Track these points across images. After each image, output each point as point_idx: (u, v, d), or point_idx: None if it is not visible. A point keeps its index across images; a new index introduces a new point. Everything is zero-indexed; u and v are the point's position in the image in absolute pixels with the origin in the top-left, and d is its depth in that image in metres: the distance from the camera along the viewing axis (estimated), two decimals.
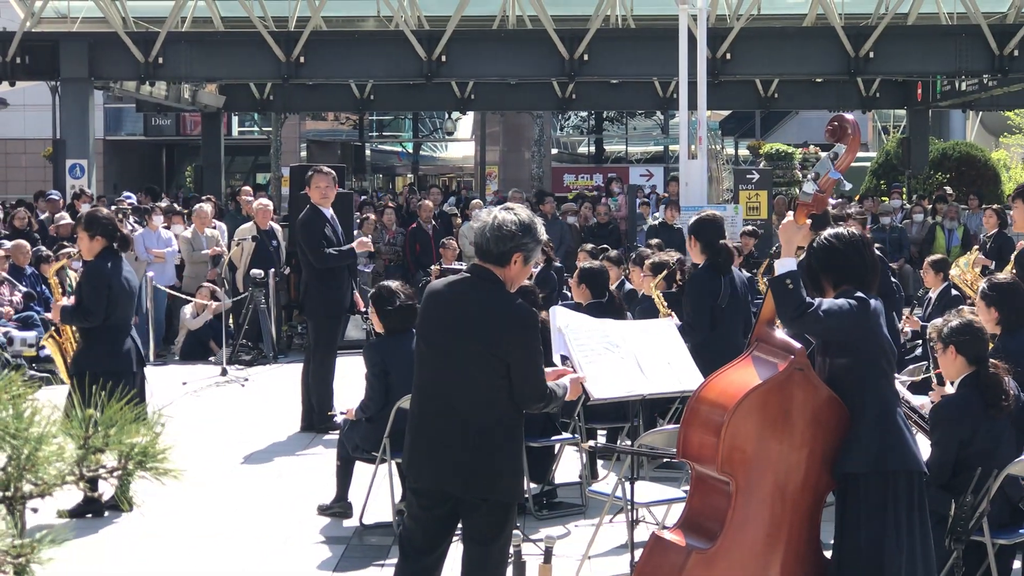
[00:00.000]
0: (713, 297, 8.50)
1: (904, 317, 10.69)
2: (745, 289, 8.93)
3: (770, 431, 4.95)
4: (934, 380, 6.36)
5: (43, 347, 12.92)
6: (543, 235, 5.01)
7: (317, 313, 10.63)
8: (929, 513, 5.13)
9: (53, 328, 8.83)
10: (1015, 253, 8.72)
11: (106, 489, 7.81)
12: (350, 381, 10.39)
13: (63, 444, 2.55)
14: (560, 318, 7.94)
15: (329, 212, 10.55)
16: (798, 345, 5.05)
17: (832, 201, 8.13)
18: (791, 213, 5.30)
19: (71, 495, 7.41)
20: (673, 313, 9.02)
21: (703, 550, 4.89)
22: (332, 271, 10.48)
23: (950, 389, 6.20)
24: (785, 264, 4.97)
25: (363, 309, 10.99)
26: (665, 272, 9.70)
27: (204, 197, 20.22)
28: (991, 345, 6.28)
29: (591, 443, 7.03)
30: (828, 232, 5.23)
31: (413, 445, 4.98)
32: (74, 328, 8.39)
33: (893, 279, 10.44)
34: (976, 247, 15.36)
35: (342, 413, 8.29)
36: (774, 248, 12.38)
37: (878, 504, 4.92)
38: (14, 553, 2.46)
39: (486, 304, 4.87)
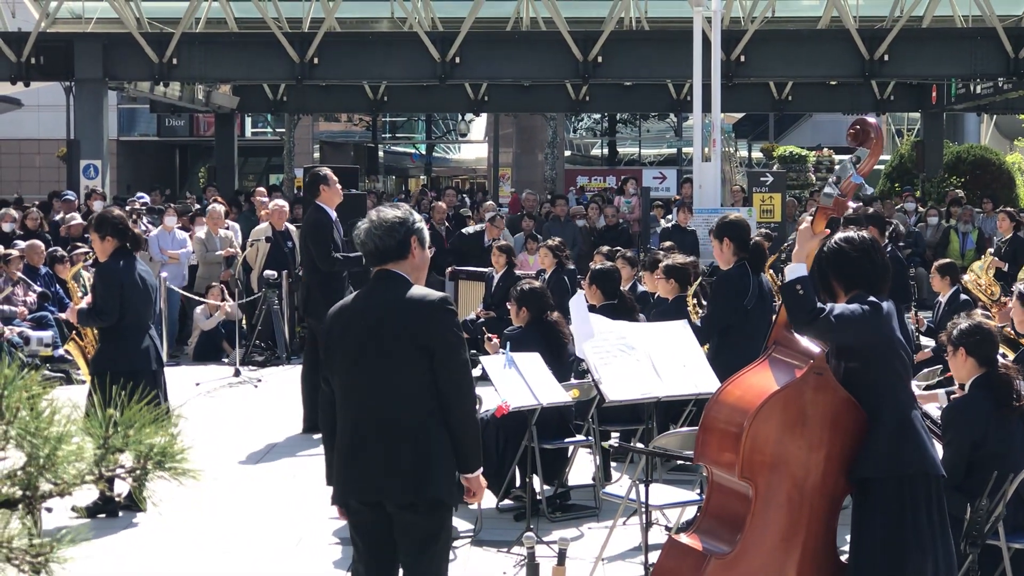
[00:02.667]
0: (741, 297, 8.16)
1: (910, 316, 10.67)
2: (770, 293, 8.68)
3: (789, 436, 4.92)
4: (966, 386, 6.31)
5: (59, 346, 12.95)
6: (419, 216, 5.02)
7: (320, 315, 10.60)
8: None
9: (74, 332, 8.83)
10: None
11: (121, 488, 7.81)
12: None
13: (82, 444, 2.55)
14: (579, 312, 7.90)
15: (334, 215, 10.51)
16: (817, 349, 5.02)
17: (851, 205, 8.06)
18: (808, 217, 5.26)
19: (86, 495, 7.37)
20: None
21: (723, 555, 4.87)
22: (335, 274, 10.45)
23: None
24: (796, 269, 4.93)
25: None
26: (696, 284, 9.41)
27: (212, 199, 20.20)
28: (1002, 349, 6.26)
29: (612, 442, 7.00)
30: (839, 236, 5.17)
31: (347, 467, 4.79)
32: (95, 330, 8.40)
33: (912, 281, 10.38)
34: (990, 251, 15.35)
35: None
36: (783, 247, 12.32)
37: (896, 508, 4.89)
38: (33, 552, 2.46)
39: (401, 300, 4.76)
